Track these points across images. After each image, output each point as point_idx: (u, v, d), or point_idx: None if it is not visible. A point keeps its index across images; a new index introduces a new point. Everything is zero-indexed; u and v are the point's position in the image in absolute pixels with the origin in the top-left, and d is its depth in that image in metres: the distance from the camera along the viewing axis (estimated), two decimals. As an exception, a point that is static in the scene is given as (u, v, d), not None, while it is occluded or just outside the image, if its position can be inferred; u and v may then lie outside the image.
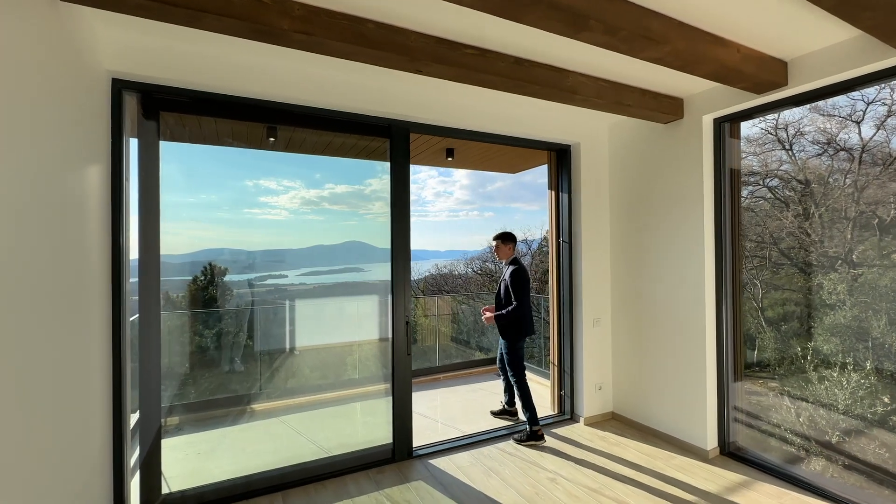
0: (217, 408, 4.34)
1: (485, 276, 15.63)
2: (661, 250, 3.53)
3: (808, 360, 2.99)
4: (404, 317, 3.27)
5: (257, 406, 4.44)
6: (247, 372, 4.91)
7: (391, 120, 3.19)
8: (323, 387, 4.96)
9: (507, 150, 4.49)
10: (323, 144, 4.35)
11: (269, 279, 5.86)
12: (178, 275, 4.97)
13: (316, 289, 6.69)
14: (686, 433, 3.34)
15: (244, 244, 5.00)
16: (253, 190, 6.37)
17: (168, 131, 3.60)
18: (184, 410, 4.22)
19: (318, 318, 5.97)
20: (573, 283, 3.96)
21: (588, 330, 3.89)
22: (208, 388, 4.67)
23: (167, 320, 5.07)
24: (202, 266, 5.21)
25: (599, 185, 3.99)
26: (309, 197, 8.09)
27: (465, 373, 5.63)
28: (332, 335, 5.76)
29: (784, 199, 3.33)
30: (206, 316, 5.48)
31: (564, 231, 4.01)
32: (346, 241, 7.25)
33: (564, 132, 3.81)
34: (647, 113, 3.21)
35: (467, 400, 4.66)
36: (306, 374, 5.18)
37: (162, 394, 4.41)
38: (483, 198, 57.08)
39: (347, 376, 5.29)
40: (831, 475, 2.80)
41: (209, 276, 5.23)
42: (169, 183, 4.51)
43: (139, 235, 2.55)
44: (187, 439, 3.77)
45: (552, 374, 4.12)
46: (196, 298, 5.30)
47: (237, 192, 4.98)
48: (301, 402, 4.61)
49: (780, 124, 3.25)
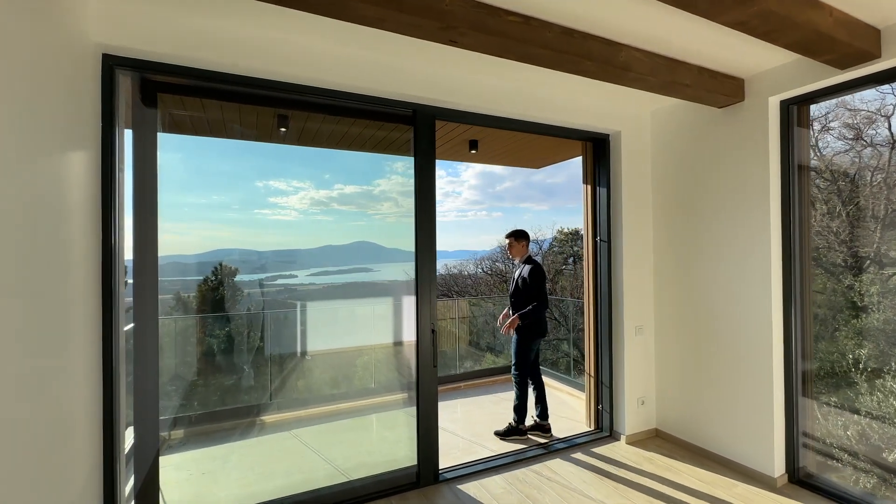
0: (225, 419, 4.05)
1: (495, 276, 15.40)
2: (717, 250, 3.15)
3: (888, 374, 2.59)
4: (430, 324, 2.93)
5: (267, 418, 4.14)
6: (257, 379, 4.61)
7: (416, 105, 2.85)
8: (337, 396, 4.64)
9: (536, 142, 4.13)
10: (338, 136, 4.04)
11: (279, 279, 5.72)
12: (190, 275, 5.01)
13: (326, 289, 6.60)
14: (748, 457, 2.96)
15: (255, 244, 4.95)
16: (263, 191, 6.37)
17: (169, 119, 3.32)
18: (189, 423, 3.92)
19: (330, 320, 5.68)
20: (612, 287, 3.59)
21: (630, 338, 3.52)
22: (216, 397, 4.38)
23: (172, 325, 4.80)
24: (212, 266, 5.14)
25: (641, 179, 3.62)
26: (318, 197, 8.12)
27: (488, 381, 5.28)
28: (345, 339, 5.46)
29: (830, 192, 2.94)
30: (214, 319, 5.22)
31: (602, 229, 3.64)
32: (354, 242, 7.23)
33: (603, 119, 3.45)
34: (703, 95, 2.84)
35: (492, 413, 4.30)
36: (319, 382, 4.87)
37: (166, 404, 4.14)
38: (492, 198, 56.78)
39: (363, 385, 4.97)
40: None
41: (219, 277, 5.12)
42: (179, 182, 4.34)
43: (134, 235, 2.25)
44: (192, 456, 3.47)
45: (588, 386, 3.76)
46: (207, 299, 5.27)
47: (248, 193, 5.02)
48: (314, 413, 4.30)
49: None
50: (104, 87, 2.13)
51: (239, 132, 3.75)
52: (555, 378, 5.19)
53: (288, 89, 2.51)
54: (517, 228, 3.81)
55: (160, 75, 2.30)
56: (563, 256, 15.90)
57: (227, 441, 3.72)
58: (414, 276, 3.00)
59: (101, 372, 2.10)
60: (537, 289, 3.59)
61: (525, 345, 3.65)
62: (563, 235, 16.08)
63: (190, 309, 6.06)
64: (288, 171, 6.57)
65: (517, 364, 3.70)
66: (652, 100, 3.43)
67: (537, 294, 3.58)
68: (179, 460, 3.43)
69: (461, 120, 3.07)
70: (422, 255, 2.90)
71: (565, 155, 4.56)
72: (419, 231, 2.90)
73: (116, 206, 2.18)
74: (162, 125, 3.40)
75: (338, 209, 8.18)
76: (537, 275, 3.62)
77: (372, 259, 7.03)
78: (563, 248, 16.11)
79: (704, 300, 3.23)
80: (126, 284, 5.59)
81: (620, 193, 3.54)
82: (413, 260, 3.05)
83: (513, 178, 52.67)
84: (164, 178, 4.25)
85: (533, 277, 3.62)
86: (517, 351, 3.69)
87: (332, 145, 4.32)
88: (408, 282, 3.32)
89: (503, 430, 3.64)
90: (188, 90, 2.52)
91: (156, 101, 2.37)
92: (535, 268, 3.66)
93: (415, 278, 2.92)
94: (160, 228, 2.43)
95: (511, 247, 3.82)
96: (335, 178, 6.98)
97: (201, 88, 2.51)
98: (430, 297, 2.94)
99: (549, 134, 3.42)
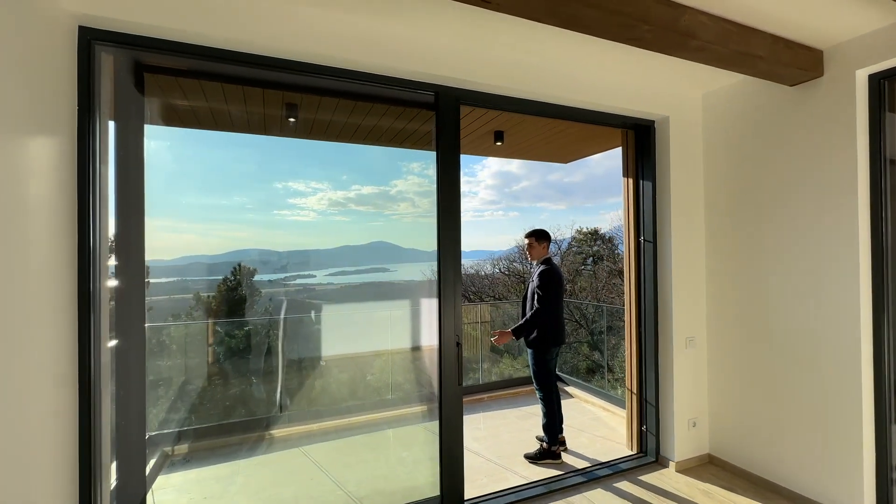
0: (232, 433, 3.77)
1: (512, 277, 15.22)
2: (788, 253, 2.72)
3: None
4: (454, 335, 2.57)
5: (277, 432, 3.85)
6: (267, 389, 4.33)
7: (438, 87, 2.51)
8: (351, 409, 4.33)
9: (570, 131, 3.74)
10: (351, 129, 3.73)
11: (297, 279, 5.51)
12: (211, 275, 5.05)
13: (344, 289, 6.51)
14: (828, 494, 2.52)
15: (274, 245, 4.94)
16: (282, 192, 6.40)
17: (170, 111, 3.05)
18: (194, 437, 3.66)
19: (345, 322, 5.40)
20: (659, 293, 3.18)
21: (679, 352, 3.10)
22: (223, 408, 4.11)
23: (181, 330, 4.56)
24: (231, 267, 5.12)
25: (692, 171, 3.20)
26: (336, 198, 8.18)
27: (512, 392, 4.90)
28: (360, 343, 5.16)
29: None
30: (226, 324, 4.97)
31: (646, 228, 3.23)
32: (372, 242, 7.22)
33: (648, 104, 3.04)
34: (776, 69, 2.42)
35: (520, 429, 3.93)
36: (332, 392, 4.57)
37: (171, 416, 3.89)
38: (508, 197, 56.16)
39: (379, 396, 4.65)
40: None
41: (238, 277, 5.07)
42: (196, 182, 4.20)
43: (115, 234, 1.96)
44: (196, 476, 3.19)
45: (629, 403, 3.35)
46: (226, 299, 5.24)
47: (267, 194, 5.13)
48: (326, 426, 3.99)
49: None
50: (81, 65, 1.84)
51: (246, 122, 3.47)
52: (586, 390, 4.78)
53: (294, 68, 2.19)
54: (537, 228, 3.44)
55: (147, 52, 2.00)
56: (582, 257, 15.51)
57: (233, 458, 3.44)
58: (436, 280, 2.65)
59: (78, 397, 1.81)
60: (544, 294, 3.22)
61: (540, 357, 3.28)
62: (581, 235, 15.72)
63: (210, 310, 5.99)
64: (306, 173, 6.54)
65: (537, 379, 3.33)
66: (705, 80, 3.02)
67: (542, 299, 3.21)
68: (181, 481, 3.15)
69: (488, 104, 2.71)
70: (445, 257, 2.55)
71: (601, 146, 4.15)
72: (442, 231, 2.54)
73: (98, 202, 1.89)
74: (164, 118, 3.14)
75: (355, 210, 8.21)
76: (546, 278, 3.24)
77: (389, 259, 7.01)
78: (581, 247, 15.74)
79: (771, 309, 2.80)
80: (148, 285, 5.13)
81: (668, 188, 3.13)
82: (431, 260, 2.72)
83: (529, 178, 52.03)
84: (182, 177, 4.04)
85: (542, 280, 3.25)
86: (534, 364, 3.32)
87: (347, 139, 4.01)
88: (425, 282, 3.01)
89: (534, 454, 3.26)
90: (180, 71, 2.23)
91: (142, 83, 2.07)
92: (543, 271, 3.28)
93: (437, 283, 2.57)
94: (177, 228, 2.16)
95: (531, 247, 3.44)
96: (353, 178, 7.03)
97: (196, 71, 2.22)
98: (455, 305, 2.58)
99: (586, 121, 3.04)
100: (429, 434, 3.66)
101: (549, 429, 3.27)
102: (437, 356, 2.58)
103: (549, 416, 3.25)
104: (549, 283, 3.23)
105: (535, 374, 3.34)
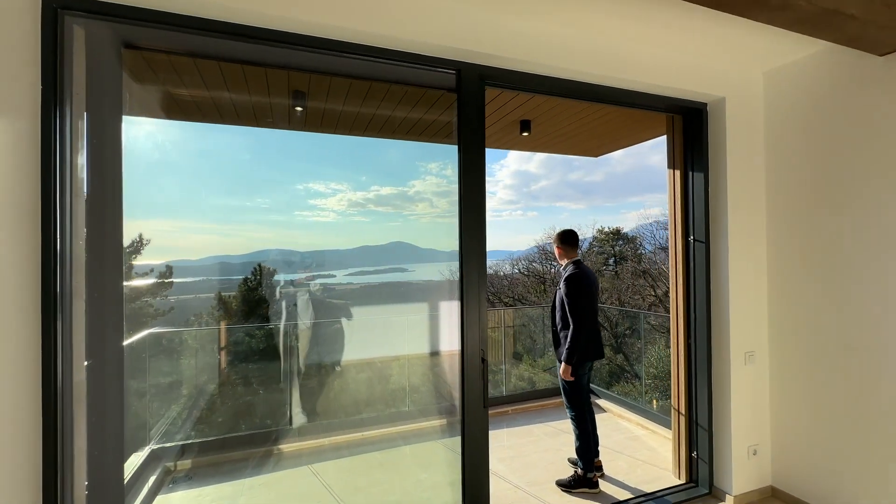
0: (238, 447, 3.52)
1: (531, 277, 14.95)
2: (873, 257, 2.29)
3: None
4: (479, 349, 2.24)
5: (285, 447, 3.58)
6: (278, 398, 4.08)
7: (460, 64, 2.18)
8: (366, 422, 4.04)
9: (606, 118, 3.36)
10: (364, 120, 3.44)
11: (317, 279, 5.52)
12: (235, 275, 5.12)
13: (363, 289, 6.53)
14: (931, 547, 2.09)
15: (295, 245, 4.99)
16: (303, 193, 6.72)
17: (164, 98, 2.81)
18: (197, 451, 3.42)
19: (363, 326, 5.15)
20: (712, 301, 2.78)
21: (738, 369, 2.70)
22: (231, 419, 3.88)
23: (187, 336, 4.35)
24: (253, 267, 5.18)
25: (751, 160, 2.79)
26: (356, 199, 8.37)
27: (539, 405, 4.53)
28: (377, 347, 4.89)
29: None
30: (237, 329, 4.76)
31: (697, 226, 2.84)
32: (390, 242, 7.38)
33: (700, 83, 2.65)
34: (869, 33, 2.00)
35: (549, 449, 3.57)
36: (346, 403, 4.29)
37: (173, 429, 3.67)
38: (527, 197, 55.47)
39: (395, 408, 4.35)
40: None
41: (258, 277, 5.11)
42: (220, 183, 4.36)
43: (87, 237, 1.69)
44: (197, 496, 2.95)
45: (676, 425, 2.96)
46: (246, 299, 5.27)
47: (289, 196, 5.29)
48: (338, 441, 3.71)
49: None
50: (46, 38, 1.58)
51: (251, 112, 3.22)
52: (620, 403, 4.38)
53: (298, 42, 1.90)
54: (565, 229, 3.07)
55: (128, 24, 1.73)
56: (604, 257, 15.06)
57: (237, 476, 3.18)
58: (453, 279, 2.33)
59: (41, 430, 1.55)
60: (571, 305, 2.84)
61: (573, 374, 2.89)
62: (603, 235, 15.29)
63: (229, 310, 5.96)
64: (326, 174, 6.71)
65: (567, 396, 2.96)
66: (767, 56, 2.61)
67: (572, 310, 2.83)
68: (181, 502, 2.91)
69: (517, 85, 2.37)
70: (469, 259, 2.22)
71: (639, 136, 3.75)
72: (465, 231, 2.21)
73: (68, 196, 1.62)
74: (155, 105, 2.90)
75: (374, 210, 8.41)
76: (572, 283, 2.86)
77: (407, 259, 7.12)
78: (603, 247, 15.30)
79: (849, 322, 2.37)
80: (171, 286, 4.79)
81: (723, 180, 2.72)
82: (449, 260, 2.41)
83: (548, 177, 51.29)
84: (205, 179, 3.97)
85: (568, 287, 2.87)
86: (567, 384, 2.94)
87: (361, 131, 3.72)
88: (443, 282, 2.71)
89: (567, 481, 2.90)
90: (167, 39, 1.95)
91: (119, 59, 1.81)
92: (570, 275, 2.89)
93: (459, 289, 2.24)
94: (202, 229, 1.92)
95: (557, 252, 3.09)
96: (372, 179, 7.29)
97: (188, 50, 1.95)
98: (479, 315, 2.25)
99: (627, 104, 2.66)
100: (449, 453, 3.33)
101: (583, 453, 2.91)
102: (458, 373, 2.25)
103: (582, 437, 2.89)
104: (578, 288, 2.86)
105: (564, 391, 2.97)
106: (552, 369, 9.88)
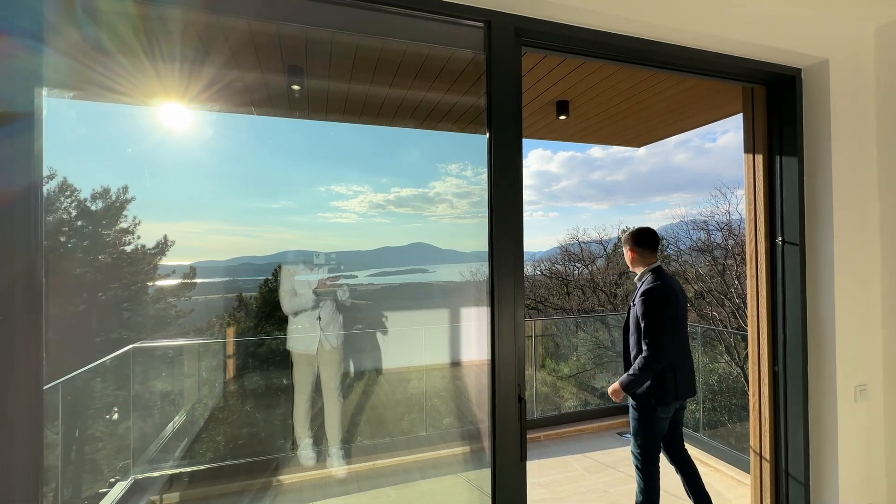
0: (233, 477, 3.10)
1: (554, 279, 14.73)
2: None
3: None
4: (515, 386, 1.72)
5: (285, 478, 3.14)
6: (280, 422, 3.65)
7: (491, 13, 1.68)
8: (378, 448, 3.56)
9: (663, 94, 2.80)
10: (376, 103, 2.98)
11: (340, 280, 5.47)
12: (260, 275, 5.29)
13: (383, 289, 6.48)
14: None
15: (317, 246, 4.96)
16: (325, 195, 6.96)
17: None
18: (187, 482, 3.01)
19: (393, 335, 4.74)
20: (809, 319, 2.20)
21: (846, 406, 2.11)
22: (226, 445, 3.47)
23: (196, 350, 3.97)
24: (274, 268, 5.18)
25: (864, 141, 2.20)
26: (376, 201, 8.55)
27: (575, 430, 3.98)
28: (394, 357, 4.44)
29: None
30: (239, 343, 4.38)
31: (788, 225, 2.25)
32: (411, 243, 7.76)
33: (794, 41, 2.08)
34: None
35: (590, 489, 3.02)
36: (355, 425, 3.84)
37: (163, 456, 3.29)
38: (548, 197, 54.61)
39: (413, 432, 3.87)
40: None
41: (279, 278, 4.93)
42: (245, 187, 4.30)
43: None
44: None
45: (756, 472, 2.38)
46: (266, 300, 5.33)
47: (312, 198, 5.61)
48: (344, 472, 3.25)
49: None
50: None
51: (247, 96, 2.80)
52: (694, 443, 3.78)
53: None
54: (638, 228, 2.51)
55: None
56: (631, 258, 14.41)
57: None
58: (477, 282, 1.83)
59: None
60: (649, 325, 2.26)
61: (644, 414, 2.34)
62: (629, 236, 14.70)
63: (251, 311, 5.79)
64: (348, 177, 6.91)
65: (637, 441, 2.39)
66: (881, 6, 2.01)
67: (648, 333, 2.26)
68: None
69: (562, 46, 1.85)
70: (501, 266, 1.70)
71: (697, 117, 3.16)
72: (497, 231, 1.70)
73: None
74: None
75: (395, 212, 8.55)
76: (650, 300, 2.28)
77: (428, 260, 7.11)
78: (630, 248, 14.67)
79: None
80: (194, 286, 4.44)
81: (826, 167, 2.14)
82: (469, 261, 1.96)
83: (569, 177, 50.38)
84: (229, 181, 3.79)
85: (645, 305, 2.29)
86: (638, 426, 2.38)
87: (372, 118, 3.25)
88: (464, 283, 2.22)
89: None
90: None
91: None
92: (648, 289, 2.31)
93: (489, 302, 1.72)
94: (230, 231, 1.57)
95: (633, 256, 2.49)
96: (392, 181, 7.78)
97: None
98: (514, 338, 1.73)
99: (694, 71, 2.11)
100: (474, 491, 2.84)
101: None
102: (489, 415, 1.74)
103: (647, 493, 2.33)
104: (661, 306, 2.27)
105: (634, 433, 2.40)
106: (577, 376, 9.27)
